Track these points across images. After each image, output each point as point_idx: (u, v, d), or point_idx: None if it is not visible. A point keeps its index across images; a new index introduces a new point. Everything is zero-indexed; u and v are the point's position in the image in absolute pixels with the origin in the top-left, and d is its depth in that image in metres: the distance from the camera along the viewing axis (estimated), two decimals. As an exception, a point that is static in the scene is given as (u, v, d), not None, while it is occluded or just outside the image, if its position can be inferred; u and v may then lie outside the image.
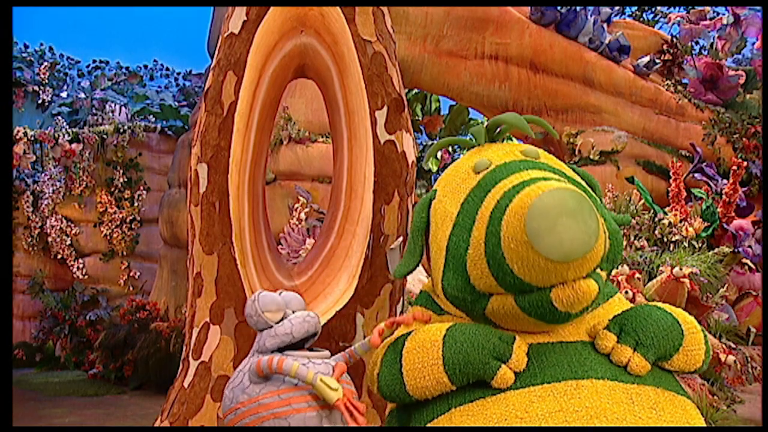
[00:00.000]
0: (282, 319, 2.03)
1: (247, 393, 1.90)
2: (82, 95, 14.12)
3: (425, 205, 2.08)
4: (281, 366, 1.84)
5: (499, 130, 2.14)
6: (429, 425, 1.73)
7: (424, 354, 1.73)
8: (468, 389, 1.69)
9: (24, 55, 14.33)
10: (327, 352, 2.10)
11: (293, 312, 2.08)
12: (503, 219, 1.59)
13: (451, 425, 1.67)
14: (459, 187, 1.92)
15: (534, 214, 1.49)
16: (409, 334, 1.85)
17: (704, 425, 1.68)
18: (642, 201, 6.76)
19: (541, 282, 1.58)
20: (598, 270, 1.66)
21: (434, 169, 12.32)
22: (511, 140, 10.46)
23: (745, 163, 7.04)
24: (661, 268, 4.96)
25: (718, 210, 6.36)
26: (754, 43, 10.97)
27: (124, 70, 15.63)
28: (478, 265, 1.70)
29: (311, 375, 1.82)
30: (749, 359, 5.04)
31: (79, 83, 14.80)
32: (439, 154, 12.31)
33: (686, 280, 4.59)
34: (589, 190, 1.95)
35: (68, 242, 11.40)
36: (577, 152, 8.96)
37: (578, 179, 1.97)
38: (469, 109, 12.36)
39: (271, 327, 2.01)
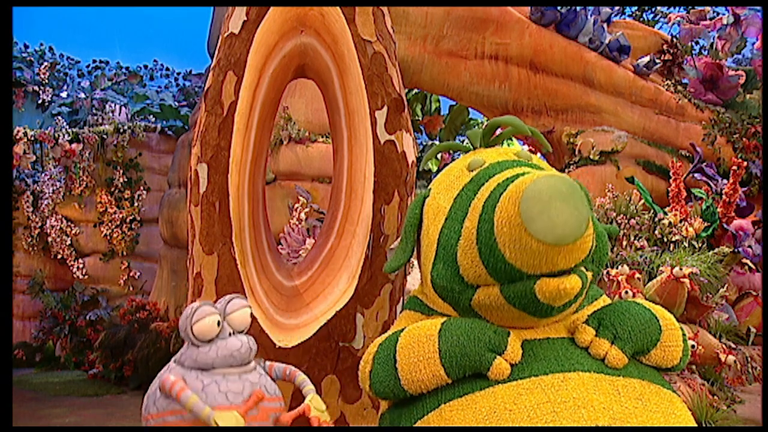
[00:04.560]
0: (216, 336, 1.85)
1: (156, 406, 1.83)
2: (82, 95, 14.11)
3: (419, 202, 2.11)
4: (179, 397, 1.74)
5: (495, 135, 2.19)
6: (420, 422, 1.75)
7: (419, 348, 1.75)
8: (457, 385, 1.72)
9: (24, 55, 14.32)
10: (252, 364, 1.91)
11: (231, 334, 1.89)
12: (497, 206, 1.63)
13: (441, 420, 1.69)
14: (453, 184, 1.98)
15: (528, 197, 1.53)
16: (401, 331, 1.87)
17: (691, 418, 1.69)
18: (642, 201, 6.76)
19: (532, 268, 1.61)
20: (584, 268, 1.70)
21: (434, 169, 12.33)
22: (512, 140, 10.46)
23: (745, 163, 7.03)
24: (661, 268, 4.96)
25: (718, 210, 6.37)
26: (754, 43, 10.96)
27: (124, 70, 15.63)
28: (468, 254, 1.74)
29: (206, 412, 1.70)
30: (749, 359, 5.05)
31: (79, 83, 14.80)
32: (439, 155, 12.32)
33: (686, 280, 4.59)
34: (584, 187, 2.00)
35: (68, 242, 11.38)
36: (577, 152, 8.94)
37: None
38: (469, 109, 12.35)
39: (198, 347, 1.85)
